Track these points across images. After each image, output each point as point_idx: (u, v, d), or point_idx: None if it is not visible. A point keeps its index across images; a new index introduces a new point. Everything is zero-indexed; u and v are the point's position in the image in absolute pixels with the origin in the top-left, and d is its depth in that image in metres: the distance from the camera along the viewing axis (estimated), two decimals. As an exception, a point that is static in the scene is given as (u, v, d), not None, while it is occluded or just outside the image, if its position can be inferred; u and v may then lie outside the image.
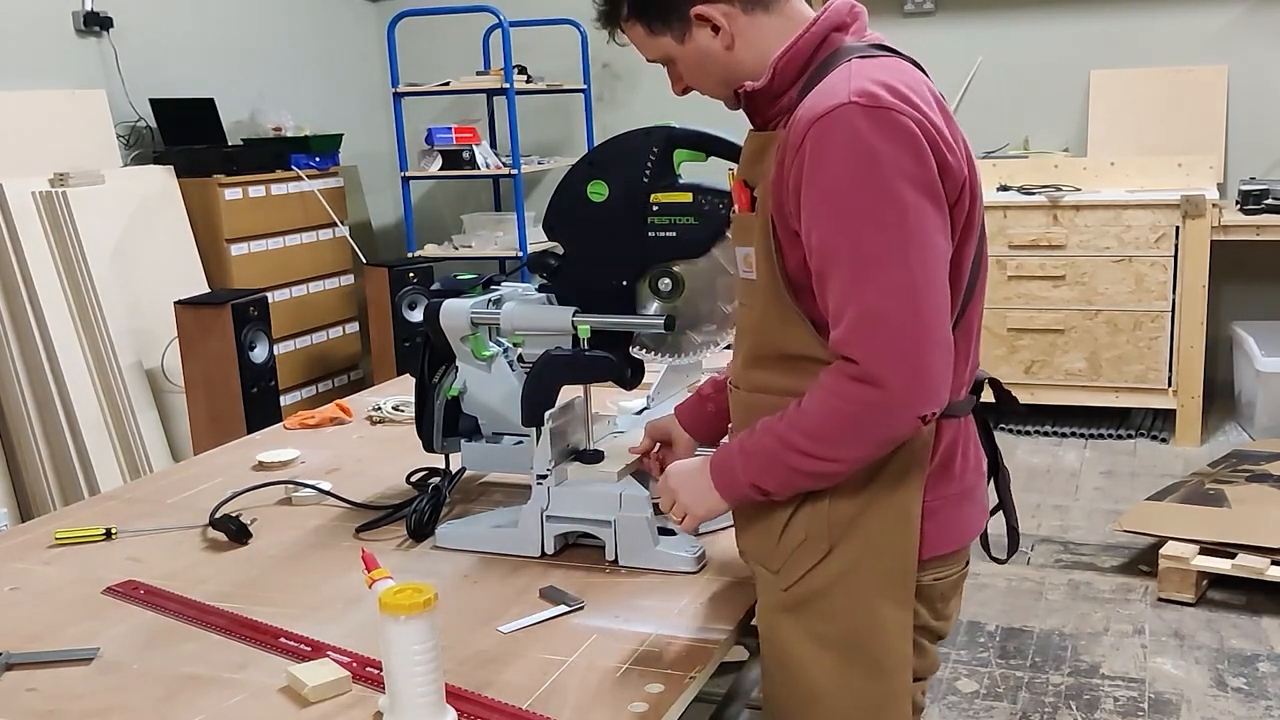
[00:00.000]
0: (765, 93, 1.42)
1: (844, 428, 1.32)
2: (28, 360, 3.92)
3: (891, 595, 1.40)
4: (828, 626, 1.41)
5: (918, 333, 1.28)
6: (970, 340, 1.46)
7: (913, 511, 1.40)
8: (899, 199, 1.28)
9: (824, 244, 1.31)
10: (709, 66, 1.46)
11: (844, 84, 1.31)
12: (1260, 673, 2.86)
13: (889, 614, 1.40)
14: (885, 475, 1.38)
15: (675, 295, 1.76)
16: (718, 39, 1.42)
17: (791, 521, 1.42)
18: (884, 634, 1.40)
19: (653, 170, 1.72)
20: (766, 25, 1.42)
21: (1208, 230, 4.45)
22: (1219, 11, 4.97)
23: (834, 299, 1.31)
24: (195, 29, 5.05)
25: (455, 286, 1.87)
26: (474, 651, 1.44)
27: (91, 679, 1.41)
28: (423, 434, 1.95)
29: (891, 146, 1.28)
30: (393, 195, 6.13)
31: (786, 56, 1.39)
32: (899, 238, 1.28)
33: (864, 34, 1.45)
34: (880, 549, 1.40)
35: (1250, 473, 3.69)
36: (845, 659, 1.41)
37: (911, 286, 1.28)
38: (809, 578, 1.41)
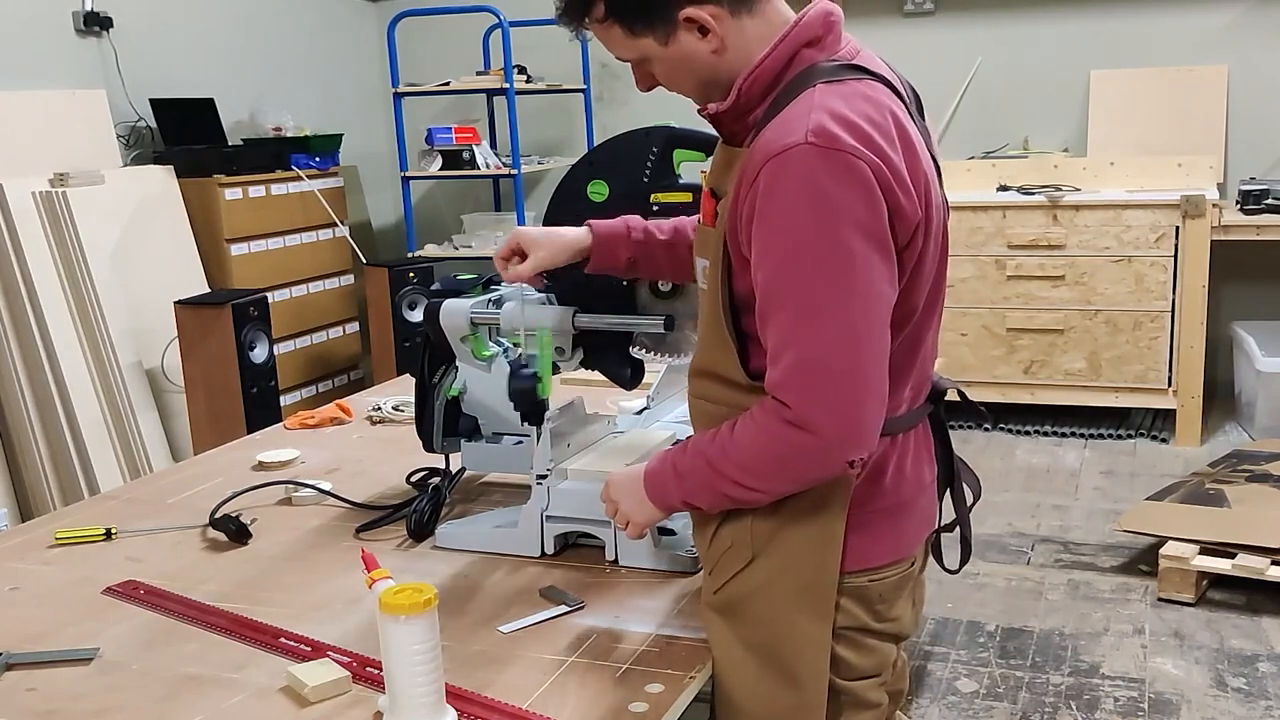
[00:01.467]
0: (730, 112, 1.40)
1: (773, 466, 1.34)
2: (28, 360, 3.92)
3: (809, 609, 1.41)
4: (749, 632, 1.43)
5: (854, 384, 1.28)
6: (915, 356, 1.45)
7: (834, 529, 1.40)
8: (847, 248, 1.26)
9: (769, 284, 1.31)
10: (691, 69, 1.41)
11: (803, 119, 1.28)
12: (1260, 673, 2.86)
13: (806, 627, 1.41)
14: (809, 492, 1.39)
15: (675, 295, 1.76)
16: (705, 41, 1.38)
17: (720, 529, 1.45)
18: (799, 646, 1.41)
19: (653, 170, 1.72)
20: (749, 29, 1.38)
21: (1208, 230, 4.45)
22: (1219, 11, 4.97)
23: (774, 340, 1.32)
24: (195, 29, 5.05)
25: (455, 286, 1.87)
26: (474, 651, 1.45)
27: (91, 679, 1.41)
28: (423, 434, 1.95)
29: (844, 192, 1.26)
30: (393, 195, 6.13)
31: (752, 77, 1.37)
32: (844, 288, 1.27)
33: (838, 47, 1.40)
34: (799, 563, 1.41)
35: (1250, 473, 3.69)
36: (763, 665, 1.42)
37: (853, 337, 1.28)
38: (733, 583, 1.44)
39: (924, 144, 1.40)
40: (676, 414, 2.11)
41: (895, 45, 5.37)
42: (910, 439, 1.48)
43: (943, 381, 1.57)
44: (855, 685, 1.47)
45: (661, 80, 1.46)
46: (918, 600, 1.60)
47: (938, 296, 1.46)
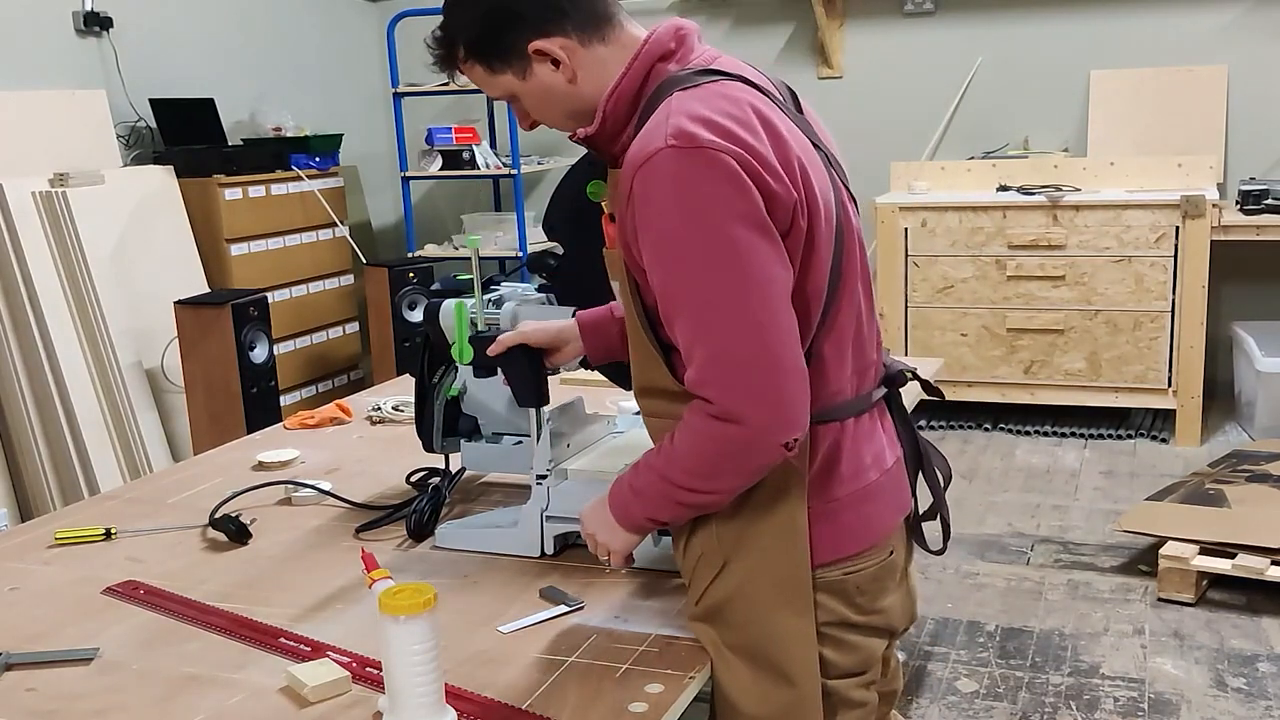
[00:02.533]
0: (600, 136, 1.43)
1: (714, 464, 1.35)
2: (28, 360, 3.92)
3: (787, 604, 1.41)
4: (734, 636, 1.43)
5: (768, 366, 1.30)
6: (845, 346, 1.45)
7: (797, 521, 1.41)
8: (729, 239, 1.28)
9: (664, 288, 1.33)
10: (553, 100, 1.46)
11: (662, 126, 1.31)
12: (1260, 673, 2.86)
13: (788, 623, 1.41)
14: (765, 488, 1.39)
15: None
16: (559, 72, 1.42)
17: (690, 540, 1.46)
18: (785, 643, 1.41)
19: None
20: (605, 55, 1.42)
21: (1208, 230, 4.45)
22: (1219, 11, 4.97)
23: (683, 340, 1.34)
24: (195, 29, 5.05)
25: (455, 286, 1.87)
26: (474, 651, 1.45)
27: (91, 679, 1.41)
28: (423, 434, 1.95)
29: (713, 186, 1.28)
30: (393, 195, 6.13)
31: (613, 99, 1.40)
32: (736, 277, 1.29)
33: (691, 57, 1.43)
34: (770, 560, 1.41)
35: (1250, 473, 3.69)
36: (753, 667, 1.42)
37: (755, 323, 1.29)
38: (711, 591, 1.44)
39: (801, 133, 1.41)
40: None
41: (895, 45, 5.37)
42: (862, 424, 1.48)
43: (895, 364, 1.58)
44: (838, 684, 1.47)
45: (533, 114, 1.50)
46: (911, 591, 1.60)
47: (850, 280, 1.45)
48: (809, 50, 5.56)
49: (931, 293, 4.77)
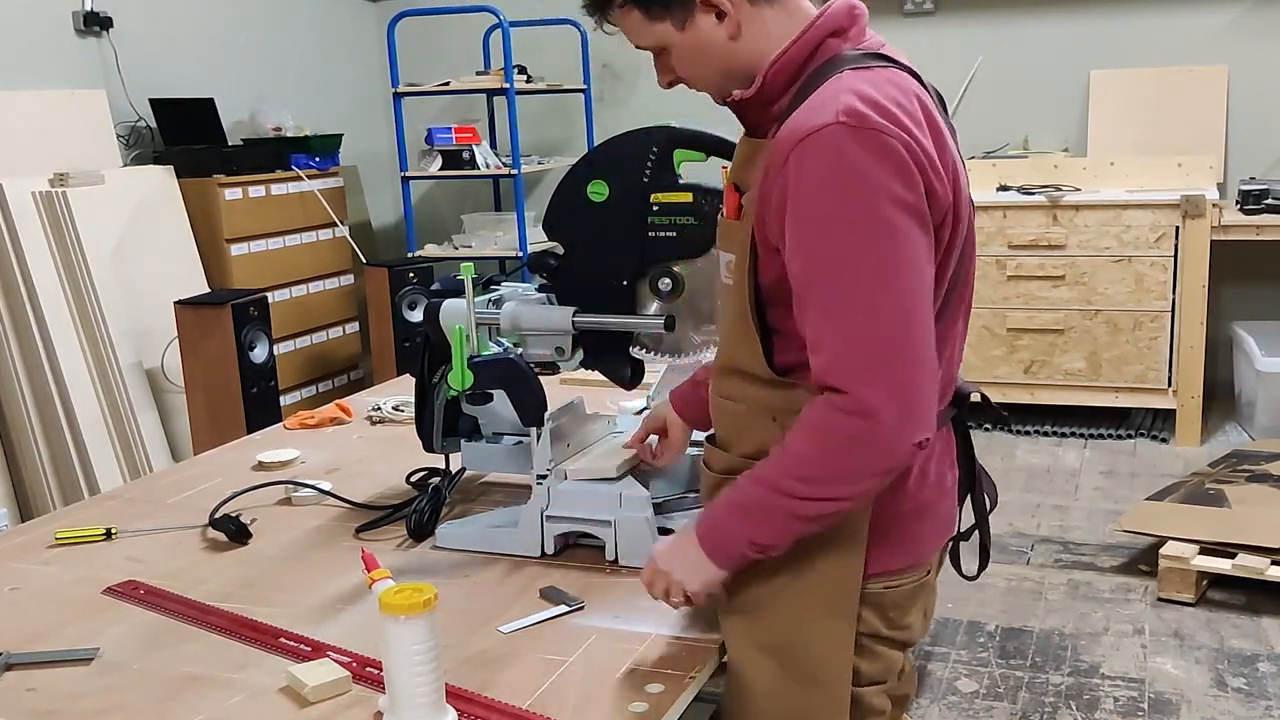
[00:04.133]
0: (755, 101, 1.39)
1: (839, 465, 1.28)
2: (28, 360, 3.92)
3: (831, 609, 1.39)
4: (768, 635, 1.41)
5: (907, 360, 1.24)
6: (942, 354, 1.41)
7: (858, 528, 1.37)
8: (887, 221, 1.24)
9: (807, 270, 1.28)
10: (707, 56, 1.40)
11: (832, 101, 1.27)
12: (1260, 673, 2.86)
13: (827, 626, 1.39)
14: None
15: (675, 295, 1.76)
16: (722, 26, 1.37)
17: None
18: (820, 646, 1.39)
19: (653, 170, 1.72)
20: (770, 19, 1.37)
21: (1208, 230, 4.45)
22: (1219, 11, 4.97)
23: (814, 327, 1.28)
24: (195, 29, 5.05)
25: (455, 286, 1.87)
26: (474, 651, 1.45)
27: (91, 679, 1.41)
28: (423, 434, 1.95)
29: (879, 168, 1.24)
30: (393, 195, 6.13)
31: (777, 65, 1.36)
32: (888, 261, 1.24)
33: (863, 39, 1.40)
34: (821, 564, 1.38)
35: (1250, 473, 3.69)
36: (782, 667, 1.41)
37: (903, 313, 1.24)
38: (753, 588, 1.41)
39: (951, 139, 1.39)
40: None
41: (895, 45, 5.36)
42: (935, 441, 1.43)
43: (965, 385, 1.54)
44: (862, 691, 1.46)
45: (680, 71, 1.44)
46: (929, 608, 1.58)
47: (964, 296, 1.44)
48: (809, 50, 5.56)
49: (931, 293, 4.77)
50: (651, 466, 1.79)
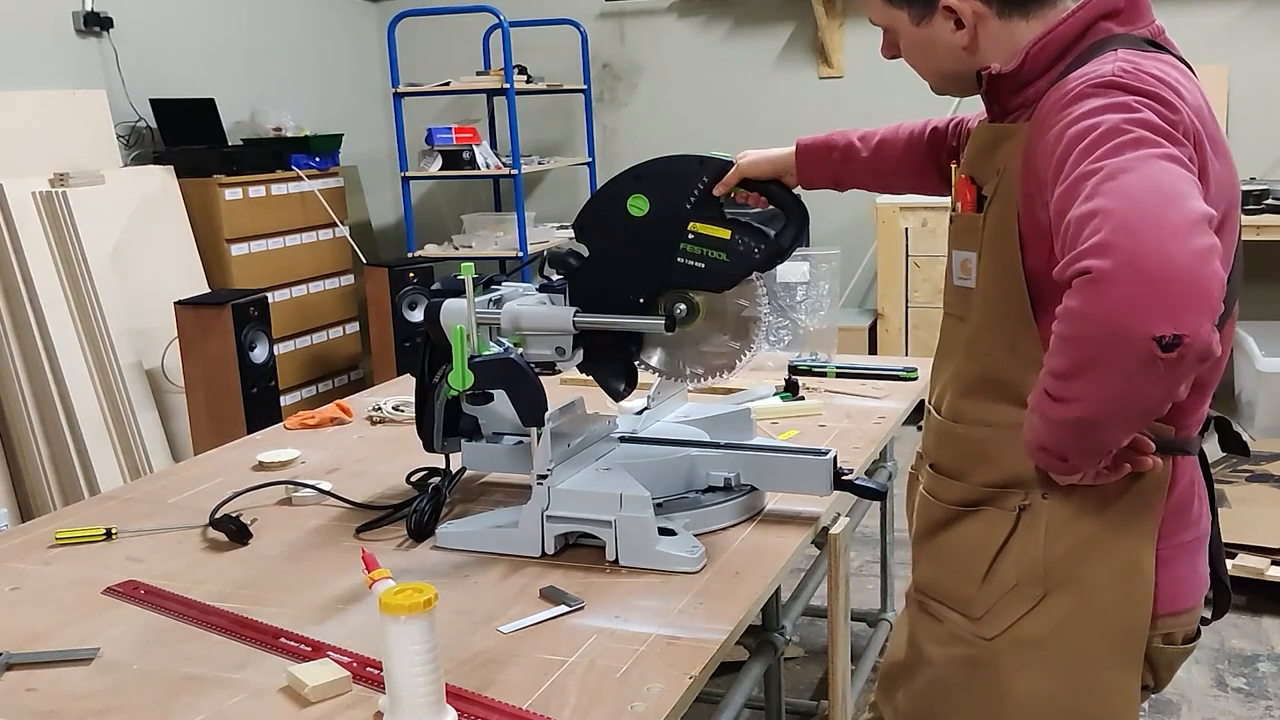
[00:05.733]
0: (1012, 79, 1.31)
1: (1074, 352, 1.11)
2: (28, 360, 3.92)
3: (1117, 655, 1.26)
4: (1037, 686, 1.28)
5: (1161, 234, 1.05)
6: (1212, 381, 1.32)
7: (1144, 559, 1.26)
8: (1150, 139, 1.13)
9: (1065, 190, 1.14)
10: (935, 57, 1.37)
11: (1109, 64, 1.20)
12: (1260, 673, 2.86)
13: (1113, 677, 1.26)
14: (1111, 513, 1.26)
15: (688, 321, 1.76)
16: (957, 35, 1.33)
17: (999, 560, 1.31)
18: (1105, 701, 1.27)
19: (698, 199, 1.71)
20: (1020, 30, 1.32)
21: (1208, 230, 4.44)
22: (1219, 11, 4.97)
23: (1073, 229, 1.12)
24: (195, 29, 5.05)
25: (455, 286, 1.87)
26: (474, 651, 1.44)
27: (91, 679, 1.41)
28: (423, 434, 1.95)
29: (1149, 123, 1.14)
30: (393, 195, 6.13)
31: (1042, 42, 1.29)
32: (1148, 155, 1.11)
33: (1139, 24, 1.30)
34: (1105, 599, 1.26)
35: (1250, 473, 3.69)
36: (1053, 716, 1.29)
37: (1157, 188, 1.08)
38: (1018, 627, 1.29)
39: (1225, 143, 1.30)
40: (677, 414, 2.11)
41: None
42: (1195, 472, 1.33)
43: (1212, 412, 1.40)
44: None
45: (904, 56, 1.41)
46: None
47: (1235, 306, 1.33)
48: (809, 50, 5.56)
49: (933, 292, 4.76)
50: None
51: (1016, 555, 1.30)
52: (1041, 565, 1.28)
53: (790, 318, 2.81)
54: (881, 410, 2.38)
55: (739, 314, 1.74)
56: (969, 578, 1.34)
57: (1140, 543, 1.26)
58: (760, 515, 1.85)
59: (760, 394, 2.45)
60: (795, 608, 2.16)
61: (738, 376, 2.64)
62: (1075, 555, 1.27)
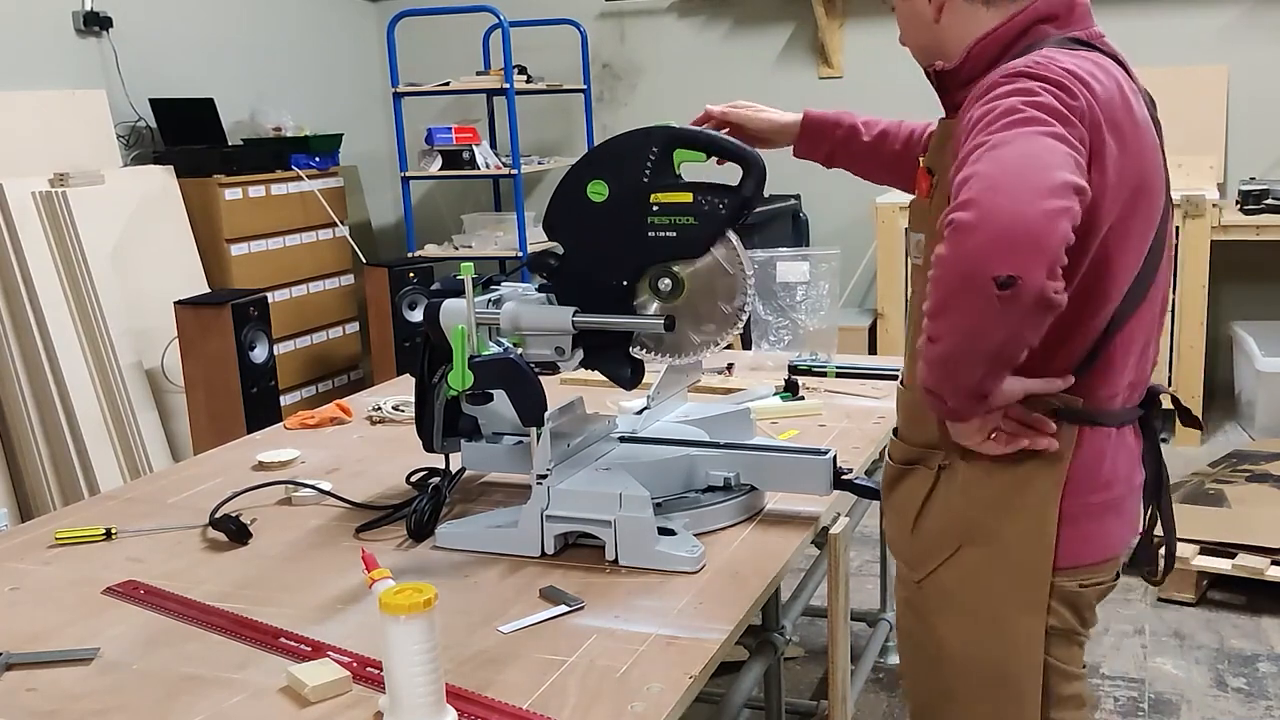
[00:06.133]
0: (956, 75, 1.44)
1: (939, 291, 1.24)
2: (28, 360, 3.92)
3: (1022, 602, 1.42)
4: (956, 628, 1.45)
5: (1018, 188, 1.19)
6: (1130, 353, 1.43)
7: (1047, 516, 1.40)
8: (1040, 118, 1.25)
9: (958, 163, 1.27)
10: (914, 26, 1.53)
11: (1026, 60, 1.33)
12: (1260, 673, 2.86)
13: (1019, 621, 1.42)
14: (1017, 475, 1.40)
15: (675, 295, 1.76)
16: (929, 5, 1.47)
17: (923, 514, 1.48)
18: (1014, 641, 1.42)
19: (653, 170, 1.72)
20: (982, 15, 1.43)
21: (1208, 230, 4.45)
22: (1219, 11, 4.97)
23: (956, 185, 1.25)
24: (195, 29, 5.05)
25: (455, 286, 1.87)
26: (474, 651, 1.44)
27: (91, 679, 1.41)
28: (423, 434, 1.95)
29: (1049, 97, 1.27)
30: (393, 195, 6.13)
31: (984, 42, 1.41)
32: (1032, 131, 1.24)
33: (1076, 28, 1.42)
34: (1011, 552, 1.41)
35: (1250, 473, 3.69)
36: (967, 660, 1.45)
37: (1028, 156, 1.21)
38: (939, 575, 1.46)
39: (1152, 131, 1.41)
40: (677, 414, 2.11)
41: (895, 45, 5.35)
42: (1124, 436, 1.47)
43: (1157, 386, 1.54)
44: (1065, 686, 1.48)
45: (901, 29, 1.57)
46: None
47: (1156, 292, 1.44)
48: (809, 50, 5.56)
49: (931, 293, 4.76)
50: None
51: (938, 510, 1.46)
52: (959, 520, 1.44)
53: (790, 318, 2.81)
54: (881, 410, 2.38)
55: (723, 275, 1.74)
56: (904, 529, 1.51)
57: (1043, 502, 1.40)
58: (760, 515, 1.85)
59: (760, 394, 2.44)
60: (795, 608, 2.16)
61: (738, 376, 2.64)
62: (986, 511, 1.42)
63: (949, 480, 1.46)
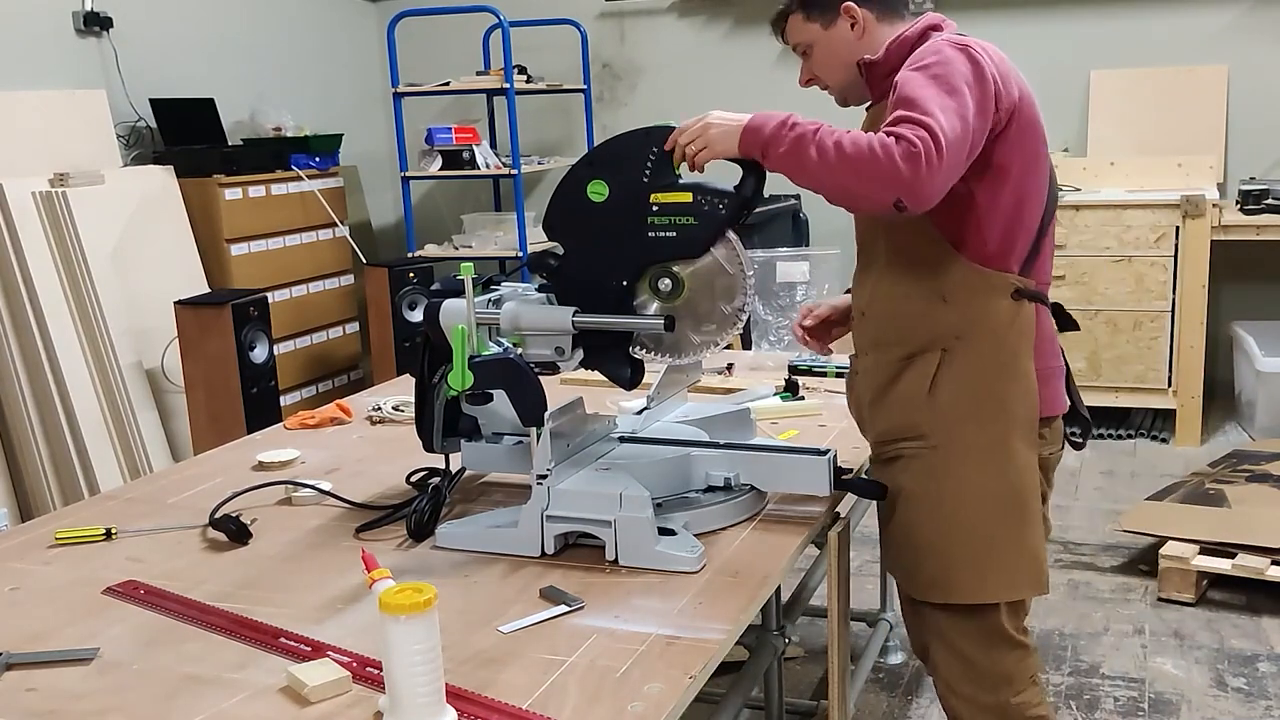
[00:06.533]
0: (879, 66, 1.80)
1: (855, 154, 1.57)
2: (28, 360, 3.92)
3: (1023, 440, 1.77)
4: (978, 473, 1.76)
5: (948, 147, 1.56)
6: (1049, 250, 1.86)
7: (1030, 372, 1.77)
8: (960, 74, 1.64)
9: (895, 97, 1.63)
10: (836, 63, 1.86)
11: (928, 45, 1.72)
12: (1260, 673, 2.86)
13: (1023, 456, 1.77)
14: (1008, 346, 1.75)
15: (675, 295, 1.76)
16: (853, 32, 1.83)
17: (936, 384, 1.77)
18: (1022, 474, 1.77)
19: (653, 170, 1.72)
20: (886, 33, 1.83)
21: (1208, 230, 4.45)
22: (1219, 11, 4.97)
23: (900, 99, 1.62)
24: (195, 29, 5.05)
25: (455, 286, 1.87)
26: (474, 651, 1.45)
27: (91, 679, 1.41)
28: (423, 434, 1.95)
29: (961, 57, 1.66)
30: (393, 195, 6.13)
31: (897, 41, 1.80)
32: (948, 86, 1.62)
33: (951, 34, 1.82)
34: (1013, 405, 1.76)
35: (1250, 473, 3.69)
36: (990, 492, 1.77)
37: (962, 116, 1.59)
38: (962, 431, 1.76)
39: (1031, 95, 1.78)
40: (677, 414, 2.11)
41: (895, 45, 5.36)
42: (1049, 319, 1.85)
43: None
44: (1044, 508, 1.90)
45: (816, 68, 1.89)
46: None
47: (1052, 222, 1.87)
48: (809, 50, 5.56)
49: (931, 293, 4.77)
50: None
51: (948, 383, 1.77)
52: (969, 388, 1.76)
53: (790, 318, 2.81)
54: (881, 410, 2.38)
55: (723, 275, 1.74)
56: (919, 400, 1.78)
57: (1029, 366, 1.77)
58: (760, 515, 1.85)
59: (760, 394, 2.45)
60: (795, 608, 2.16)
61: (738, 376, 2.64)
62: (993, 379, 1.76)
63: (951, 360, 1.76)
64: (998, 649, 1.85)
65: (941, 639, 1.88)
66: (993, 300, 1.75)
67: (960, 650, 1.86)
